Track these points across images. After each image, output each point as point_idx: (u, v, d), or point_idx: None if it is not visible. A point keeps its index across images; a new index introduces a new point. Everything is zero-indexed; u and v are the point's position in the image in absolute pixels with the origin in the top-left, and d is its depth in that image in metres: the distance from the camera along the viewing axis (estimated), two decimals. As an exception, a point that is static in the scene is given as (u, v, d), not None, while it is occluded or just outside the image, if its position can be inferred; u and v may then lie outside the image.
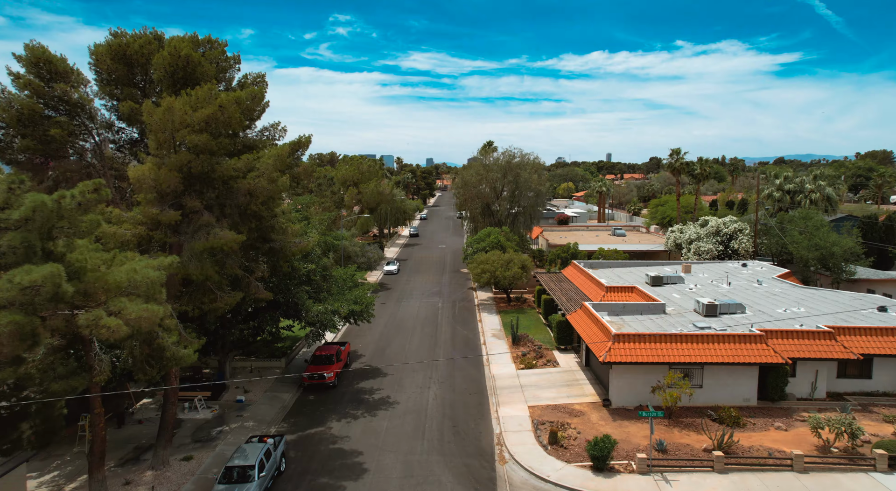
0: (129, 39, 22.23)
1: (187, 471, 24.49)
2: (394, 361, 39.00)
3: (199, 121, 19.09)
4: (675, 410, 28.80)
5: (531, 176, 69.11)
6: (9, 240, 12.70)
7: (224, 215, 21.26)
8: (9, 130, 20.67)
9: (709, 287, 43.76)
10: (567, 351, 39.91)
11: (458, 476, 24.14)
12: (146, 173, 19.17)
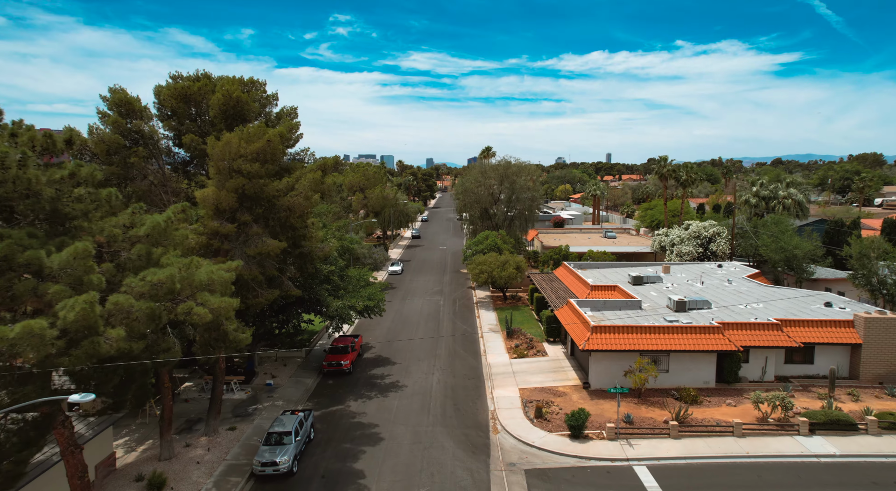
0: (189, 83, 27.12)
1: (233, 438, 29.46)
2: (401, 351, 43.96)
3: (252, 152, 24.01)
4: (643, 390, 33.73)
5: (526, 182, 74.06)
6: (137, 250, 17.60)
7: (267, 227, 26.21)
8: (96, 159, 25.55)
9: (684, 286, 48.69)
10: (555, 343, 44.83)
11: (459, 442, 29.08)
12: (209, 194, 24.13)
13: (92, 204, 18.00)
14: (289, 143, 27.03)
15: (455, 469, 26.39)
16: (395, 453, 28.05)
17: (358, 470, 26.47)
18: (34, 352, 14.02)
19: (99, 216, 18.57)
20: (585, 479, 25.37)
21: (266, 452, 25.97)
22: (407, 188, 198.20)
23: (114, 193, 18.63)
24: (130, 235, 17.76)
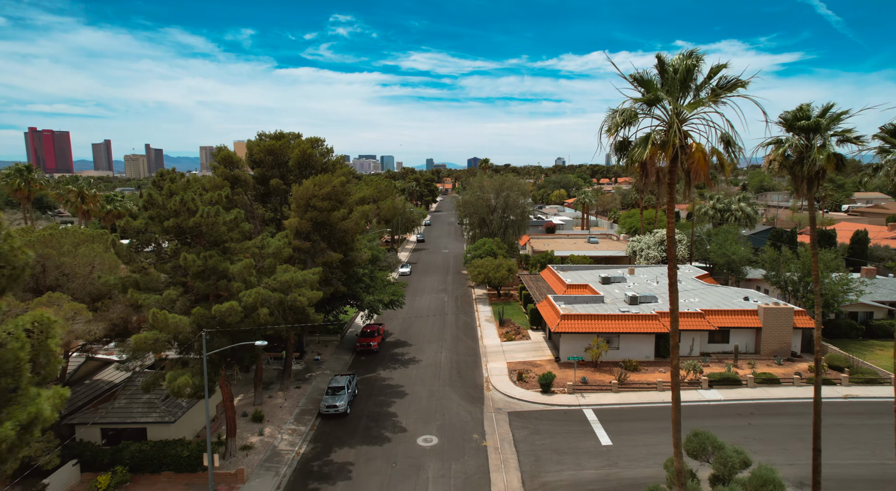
0: (273, 141, 38.71)
1: (300, 393, 41.12)
2: (415, 336, 55.60)
3: (321, 194, 35.61)
4: (598, 362, 45.37)
5: (517, 196, 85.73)
6: (268, 262, 29.14)
7: (329, 243, 37.78)
8: None
9: (643, 285, 60.26)
10: (537, 330, 56.46)
11: (462, 396, 40.70)
12: (293, 222, 35.75)
13: (238, 234, 29.64)
14: (346, 186, 38.60)
15: (459, 411, 38.05)
16: (416, 402, 39.69)
17: (392, 412, 38.10)
18: (231, 319, 25.65)
19: (238, 239, 30.23)
20: (548, 417, 37.00)
21: (329, 399, 37.60)
22: (410, 193, 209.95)
23: (248, 226, 30.28)
24: (263, 253, 29.42)
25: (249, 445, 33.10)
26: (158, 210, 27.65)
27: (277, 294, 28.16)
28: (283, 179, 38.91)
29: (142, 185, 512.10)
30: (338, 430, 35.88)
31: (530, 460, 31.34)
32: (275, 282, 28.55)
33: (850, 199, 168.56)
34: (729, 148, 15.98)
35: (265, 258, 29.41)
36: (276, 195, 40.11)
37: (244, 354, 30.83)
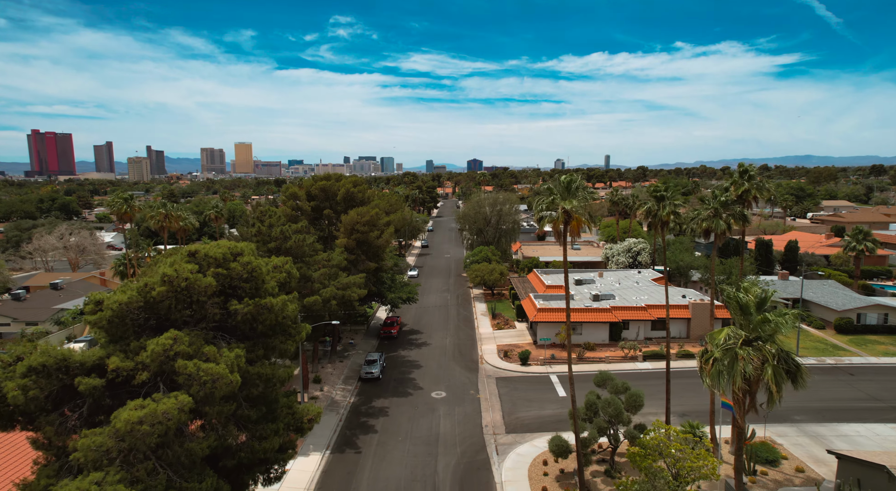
0: (325, 182, 53.31)
1: (344, 365, 55.81)
2: (425, 326, 70.23)
3: (363, 222, 50.26)
4: (565, 343, 59.99)
5: (510, 210, 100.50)
6: (333, 270, 43.80)
7: (367, 256, 52.44)
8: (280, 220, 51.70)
9: (608, 286, 74.85)
10: (522, 321, 71.09)
11: (462, 367, 55.36)
12: (343, 241, 50.44)
13: (312, 250, 44.37)
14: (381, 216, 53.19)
15: (460, 377, 52.74)
16: (429, 371, 54.39)
17: (412, 377, 52.77)
18: (315, 307, 40.31)
19: (313, 254, 44.94)
20: (524, 380, 51.67)
21: (367, 368, 52.29)
22: (413, 200, 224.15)
23: (319, 246, 44.98)
24: (329, 263, 44.16)
25: (315, 396, 47.79)
26: (263, 237, 42.36)
27: (340, 292, 42.88)
28: (332, 210, 53.68)
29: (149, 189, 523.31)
30: (374, 388, 50.55)
31: (509, 405, 46.05)
32: (338, 283, 43.28)
33: (818, 207, 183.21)
34: (591, 219, 30.83)
35: (331, 267, 44.12)
36: (326, 220, 54.85)
37: (321, 330, 45.58)
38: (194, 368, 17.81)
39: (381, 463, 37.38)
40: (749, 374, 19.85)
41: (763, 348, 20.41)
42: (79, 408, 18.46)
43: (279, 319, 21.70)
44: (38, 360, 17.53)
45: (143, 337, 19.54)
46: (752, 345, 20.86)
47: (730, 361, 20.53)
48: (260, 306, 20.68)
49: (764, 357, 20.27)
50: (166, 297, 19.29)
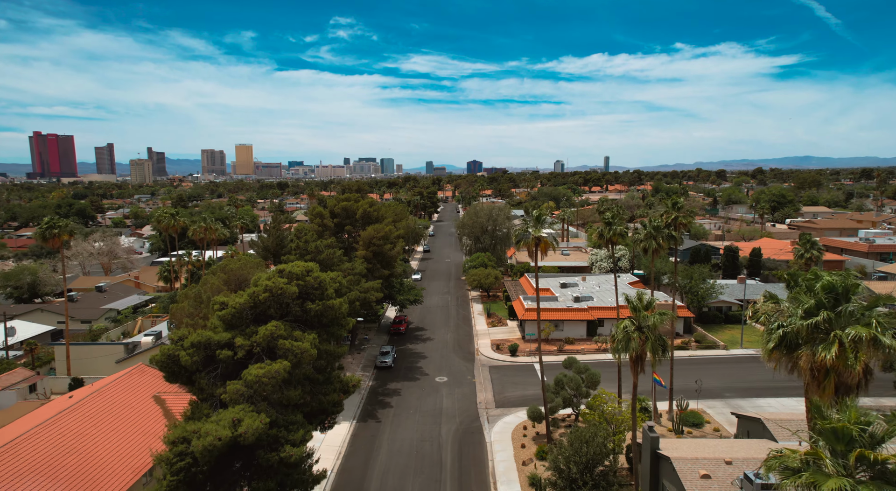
0: (346, 202, 63.68)
1: (361, 356, 66.24)
2: (429, 324, 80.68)
3: (378, 237, 60.63)
4: (548, 338, 70.52)
5: (504, 220, 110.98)
6: (356, 277, 54.15)
7: (382, 264, 62.84)
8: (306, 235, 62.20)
9: (588, 289, 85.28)
10: (513, 320, 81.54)
11: (461, 358, 65.85)
12: (361, 253, 60.86)
13: (339, 261, 54.85)
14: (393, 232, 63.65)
15: (459, 365, 63.22)
16: (433, 361, 64.86)
17: (419, 366, 63.23)
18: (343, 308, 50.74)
19: (339, 264, 55.42)
20: (512, 368, 62.13)
21: (381, 358, 62.76)
22: (415, 206, 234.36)
23: (344, 257, 55.42)
24: (353, 271, 54.60)
25: (340, 380, 58.14)
26: (301, 251, 52.85)
27: (362, 294, 53.37)
28: (352, 225, 64.22)
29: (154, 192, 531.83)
30: (388, 375, 61.01)
31: (499, 387, 56.50)
32: (360, 288, 53.77)
33: (797, 213, 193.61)
34: (555, 241, 41.39)
35: (354, 275, 54.58)
36: (347, 234, 65.34)
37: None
38: (290, 344, 28.26)
39: (396, 429, 47.86)
40: (635, 348, 30.54)
41: (647, 332, 31.02)
42: (216, 369, 28.92)
43: (337, 314, 32.20)
44: (195, 339, 28.02)
45: (250, 326, 29.98)
46: (641, 330, 31.42)
47: (626, 339, 31.16)
48: (326, 306, 31.20)
49: (646, 337, 30.85)
50: (267, 300, 29.76)
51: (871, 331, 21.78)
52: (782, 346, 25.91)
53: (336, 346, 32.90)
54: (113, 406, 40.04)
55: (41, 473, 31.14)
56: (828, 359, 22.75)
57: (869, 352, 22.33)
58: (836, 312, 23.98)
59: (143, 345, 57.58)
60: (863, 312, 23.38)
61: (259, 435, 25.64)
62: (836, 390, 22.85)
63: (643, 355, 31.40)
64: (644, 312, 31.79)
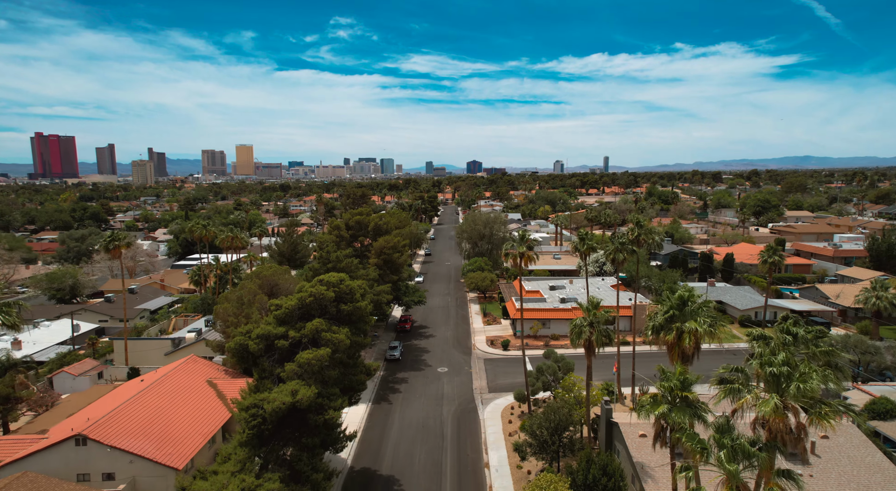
0: (360, 216, 73.07)
1: (372, 351, 75.72)
2: (431, 322, 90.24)
3: (389, 247, 70.07)
4: (536, 335, 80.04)
5: (500, 227, 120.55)
6: (370, 282, 63.58)
7: (391, 270, 72.29)
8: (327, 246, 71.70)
9: (575, 291, 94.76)
10: (506, 319, 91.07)
11: (459, 352, 75.44)
12: (374, 261, 70.36)
13: (355, 268, 64.40)
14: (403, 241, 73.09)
15: (458, 358, 72.82)
16: (435, 354, 74.43)
17: (423, 358, 72.81)
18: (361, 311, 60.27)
19: (357, 270, 64.98)
20: (504, 360, 71.70)
21: (390, 351, 72.34)
22: (416, 210, 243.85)
23: (359, 266, 64.94)
24: (368, 277, 64.09)
25: (355, 370, 67.68)
26: (324, 260, 62.39)
27: (375, 297, 62.91)
28: (365, 236, 73.81)
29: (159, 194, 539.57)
30: (396, 366, 70.53)
31: (492, 376, 66.05)
32: (374, 291, 63.31)
33: (781, 217, 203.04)
34: (536, 256, 51.00)
35: (369, 280, 64.08)
36: (360, 243, 74.92)
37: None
38: (330, 336, 37.79)
39: (405, 409, 57.43)
40: (586, 337, 40.16)
41: (595, 326, 40.63)
42: (274, 355, 38.45)
43: (363, 313, 41.76)
44: (259, 332, 37.56)
45: (298, 322, 39.50)
46: (592, 325, 41.00)
47: (578, 332, 40.79)
48: (355, 307, 40.76)
49: (594, 331, 40.45)
50: (311, 302, 39.30)
51: (695, 324, 32.60)
52: (654, 332, 36.41)
53: (362, 337, 42.46)
54: (178, 388, 49.64)
55: (139, 433, 40.77)
56: (669, 339, 33.66)
57: (696, 336, 33.21)
58: (681, 312, 34.34)
59: (188, 340, 67.10)
60: (695, 310, 33.79)
61: (310, 402, 35.17)
62: (682, 358, 33.74)
63: (593, 344, 40.93)
64: (594, 310, 41.19)
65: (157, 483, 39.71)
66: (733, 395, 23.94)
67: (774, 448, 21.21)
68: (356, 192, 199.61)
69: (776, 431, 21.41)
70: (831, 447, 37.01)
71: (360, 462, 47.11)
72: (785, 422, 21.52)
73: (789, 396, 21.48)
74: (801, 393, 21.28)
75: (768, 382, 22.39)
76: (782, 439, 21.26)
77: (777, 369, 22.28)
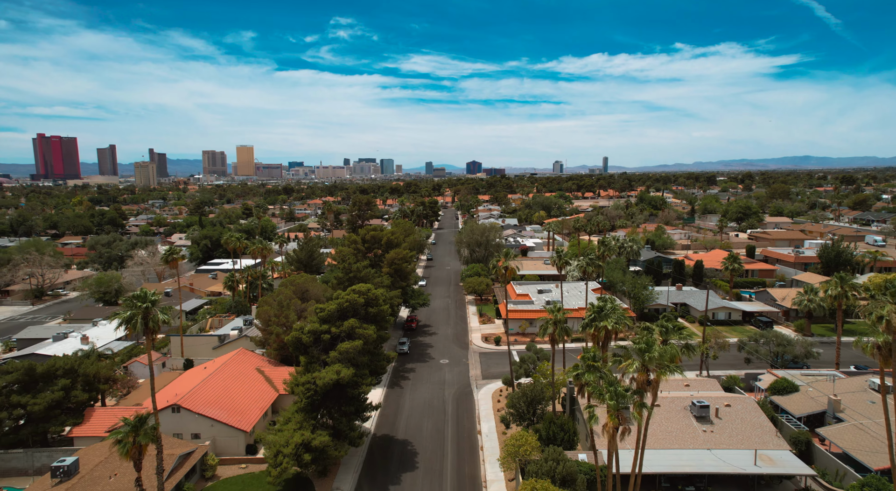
0: (374, 232, 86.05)
1: (385, 345, 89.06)
2: (434, 321, 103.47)
3: (399, 258, 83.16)
4: (524, 332, 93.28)
5: (495, 235, 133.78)
6: (385, 288, 76.93)
7: (400, 278, 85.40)
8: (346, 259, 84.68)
9: (558, 295, 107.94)
10: (499, 319, 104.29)
11: (458, 347, 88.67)
12: (386, 269, 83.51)
13: (372, 276, 77.66)
14: (410, 253, 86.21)
15: (457, 352, 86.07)
16: (437, 349, 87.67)
17: (427, 352, 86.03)
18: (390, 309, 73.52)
19: (373, 278, 78.23)
20: (496, 353, 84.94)
21: (399, 346, 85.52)
22: (418, 216, 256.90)
23: (374, 274, 78.10)
24: (382, 283, 77.26)
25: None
26: (346, 271, 75.60)
27: (390, 300, 76.11)
28: (378, 248, 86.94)
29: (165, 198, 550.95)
30: (405, 358, 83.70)
31: (485, 366, 79.26)
32: (388, 294, 76.52)
33: (760, 223, 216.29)
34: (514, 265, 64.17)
35: (383, 286, 77.24)
36: (374, 254, 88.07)
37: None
38: (362, 331, 50.98)
39: (414, 392, 70.60)
40: (550, 332, 53.38)
41: (558, 323, 53.84)
42: (319, 345, 51.62)
43: (384, 315, 54.99)
44: (309, 328, 50.75)
45: (336, 321, 52.66)
46: (556, 323, 54.19)
47: (546, 327, 53.99)
48: (379, 310, 53.99)
49: (556, 327, 53.65)
50: (347, 306, 52.50)
51: (606, 323, 45.66)
52: (584, 328, 49.58)
53: (384, 332, 55.68)
54: (235, 373, 62.88)
55: (214, 405, 53.97)
56: (590, 331, 46.59)
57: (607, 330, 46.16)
58: (599, 315, 47.45)
59: (231, 337, 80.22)
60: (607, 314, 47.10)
61: (349, 379, 48.35)
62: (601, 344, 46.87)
63: (555, 337, 54.14)
64: (557, 313, 54.42)
65: (230, 442, 52.97)
66: (619, 361, 36.96)
67: (641, 393, 34.55)
68: (362, 200, 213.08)
69: (640, 382, 34.47)
70: (731, 412, 50.17)
71: (381, 430, 60.26)
72: (645, 376, 34.59)
73: (647, 361, 34.48)
74: (652, 360, 34.28)
75: (637, 353, 35.38)
76: (643, 387, 34.35)
77: (639, 346, 35.57)
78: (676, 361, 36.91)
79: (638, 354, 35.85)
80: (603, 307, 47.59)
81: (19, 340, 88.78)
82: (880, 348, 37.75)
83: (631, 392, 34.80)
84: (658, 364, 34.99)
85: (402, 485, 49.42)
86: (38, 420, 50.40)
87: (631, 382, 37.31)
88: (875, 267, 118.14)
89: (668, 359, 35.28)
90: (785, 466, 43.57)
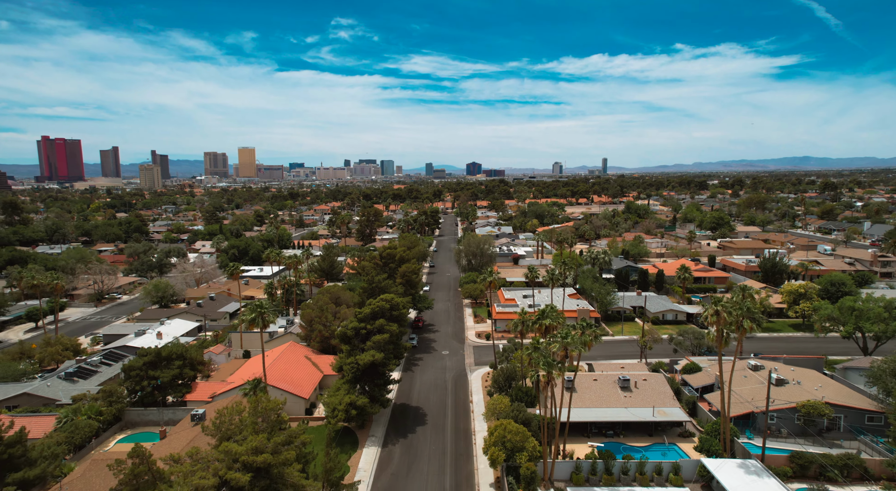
0: (388, 249, 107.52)
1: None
2: (437, 321, 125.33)
3: (410, 271, 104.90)
4: (510, 329, 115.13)
5: (489, 246, 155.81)
6: (399, 294, 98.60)
7: (410, 286, 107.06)
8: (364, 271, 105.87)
9: (541, 299, 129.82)
10: (490, 319, 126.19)
11: (457, 342, 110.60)
12: (399, 279, 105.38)
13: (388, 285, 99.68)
14: (420, 269, 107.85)
15: (456, 346, 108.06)
16: (440, 343, 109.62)
17: (432, 346, 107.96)
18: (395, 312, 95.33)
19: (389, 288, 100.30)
20: (487, 347, 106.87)
21: (410, 340, 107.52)
22: (420, 224, 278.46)
23: (391, 284, 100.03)
24: (396, 289, 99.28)
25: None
26: (369, 282, 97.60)
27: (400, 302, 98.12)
28: (392, 262, 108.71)
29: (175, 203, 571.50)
30: (414, 350, 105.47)
31: (477, 356, 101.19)
32: (402, 300, 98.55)
33: (732, 232, 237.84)
34: (499, 281, 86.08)
35: (398, 294, 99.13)
36: (389, 267, 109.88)
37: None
38: (388, 327, 72.96)
39: (423, 374, 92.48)
40: (519, 330, 75.11)
41: (525, 323, 75.57)
42: (358, 337, 73.54)
43: (404, 316, 77.03)
44: (352, 326, 72.73)
45: (370, 320, 74.61)
46: (538, 323, 75.94)
47: (515, 325, 75.67)
48: (400, 313, 76.09)
49: (523, 326, 75.36)
50: (378, 310, 74.47)
51: (547, 321, 67.10)
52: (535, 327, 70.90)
53: (403, 329, 77.73)
54: (290, 359, 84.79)
55: (281, 380, 75.92)
56: (535, 328, 67.92)
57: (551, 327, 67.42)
58: (543, 316, 68.96)
59: (279, 333, 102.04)
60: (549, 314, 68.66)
61: (381, 360, 70.20)
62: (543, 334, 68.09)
63: (523, 332, 75.98)
64: (524, 315, 76.30)
65: (294, 406, 74.86)
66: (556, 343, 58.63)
67: (562, 363, 56.64)
68: (370, 212, 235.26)
69: (559, 356, 56.38)
70: (646, 384, 72.02)
71: (399, 400, 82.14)
72: (564, 352, 56.51)
73: (566, 343, 56.19)
74: (566, 342, 55.99)
75: (561, 337, 57.19)
76: (562, 358, 56.23)
77: (562, 335, 57.48)
78: (589, 345, 58.78)
79: (560, 340, 57.74)
80: (545, 311, 69.11)
81: (105, 335, 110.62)
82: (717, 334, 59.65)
83: (556, 362, 56.61)
84: (570, 345, 56.85)
85: (417, 434, 71.27)
86: (165, 388, 72.30)
87: (555, 356, 59.09)
88: (807, 275, 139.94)
89: (581, 343, 57.11)
90: (673, 417, 65.58)
